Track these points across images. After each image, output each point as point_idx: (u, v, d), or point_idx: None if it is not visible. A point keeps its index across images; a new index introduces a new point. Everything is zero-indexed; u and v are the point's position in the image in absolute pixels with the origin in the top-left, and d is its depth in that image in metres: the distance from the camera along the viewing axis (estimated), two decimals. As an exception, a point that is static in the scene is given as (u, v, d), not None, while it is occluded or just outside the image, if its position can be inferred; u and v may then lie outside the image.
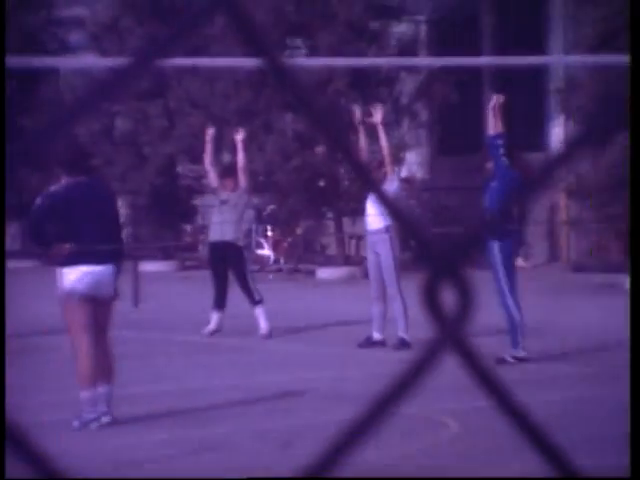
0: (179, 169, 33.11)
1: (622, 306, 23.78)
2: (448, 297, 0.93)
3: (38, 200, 13.43)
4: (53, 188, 13.41)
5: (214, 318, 19.60)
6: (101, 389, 12.82)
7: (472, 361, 0.95)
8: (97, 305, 12.95)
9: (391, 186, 17.67)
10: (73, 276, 12.86)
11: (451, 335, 0.91)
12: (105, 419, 12.71)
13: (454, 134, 31.38)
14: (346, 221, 29.00)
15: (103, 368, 12.88)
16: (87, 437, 12.38)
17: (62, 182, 13.28)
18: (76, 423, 12.63)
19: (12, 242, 33.54)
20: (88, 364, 12.83)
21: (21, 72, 29.04)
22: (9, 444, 1.38)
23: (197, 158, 30.18)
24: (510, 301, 16.08)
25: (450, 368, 0.98)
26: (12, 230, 33.75)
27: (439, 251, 0.90)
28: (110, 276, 13.03)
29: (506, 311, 16.01)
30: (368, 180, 0.96)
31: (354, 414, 0.93)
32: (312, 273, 29.36)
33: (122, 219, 15.04)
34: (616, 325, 19.33)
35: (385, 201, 0.95)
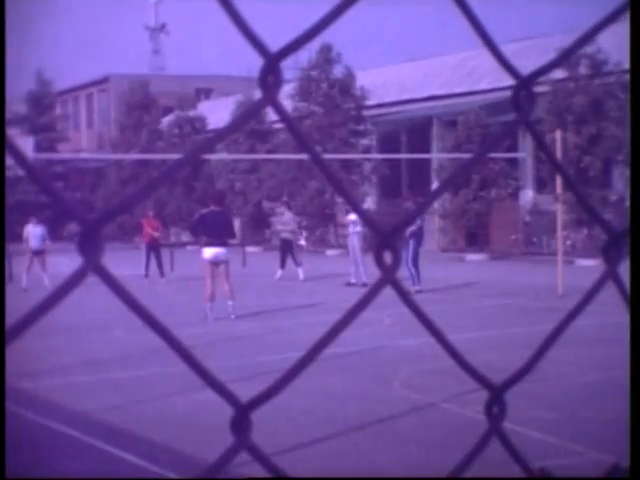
0: (264, 205, 32.95)
1: (458, 267, 23.35)
2: (387, 256, 0.78)
3: (195, 216, 13.64)
4: (202, 211, 13.41)
5: (279, 272, 19.42)
6: (230, 302, 12.78)
7: (400, 290, 0.81)
8: (216, 265, 12.90)
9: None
10: (207, 252, 12.92)
11: (389, 277, 0.77)
12: (232, 316, 12.68)
13: (389, 189, 31.28)
14: (339, 229, 29.02)
15: (228, 292, 12.79)
16: (218, 323, 12.27)
17: (208, 209, 13.22)
18: (204, 317, 12.57)
19: (185, 236, 33.25)
20: (209, 292, 12.82)
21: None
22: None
23: (273, 199, 30.25)
24: (414, 268, 16.03)
25: (387, 294, 0.86)
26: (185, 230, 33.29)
27: (383, 231, 0.77)
28: (223, 253, 12.92)
29: (412, 271, 15.93)
30: (351, 198, 0.82)
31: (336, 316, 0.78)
32: (324, 252, 29.21)
33: (235, 227, 14.89)
34: (451, 274, 19.44)
35: (357, 207, 0.81)
